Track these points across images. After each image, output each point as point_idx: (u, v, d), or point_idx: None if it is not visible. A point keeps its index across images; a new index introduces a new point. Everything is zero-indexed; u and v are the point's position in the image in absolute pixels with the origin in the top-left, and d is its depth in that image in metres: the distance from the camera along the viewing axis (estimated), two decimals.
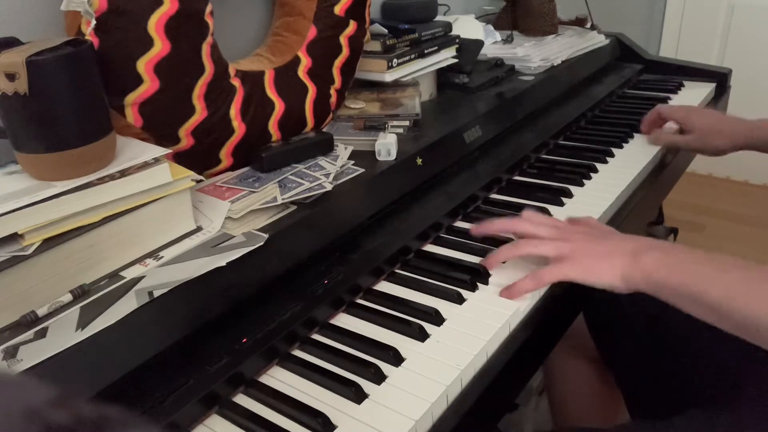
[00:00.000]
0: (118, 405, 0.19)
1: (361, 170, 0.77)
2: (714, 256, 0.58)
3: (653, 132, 1.05)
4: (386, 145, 0.79)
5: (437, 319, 0.61)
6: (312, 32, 0.84)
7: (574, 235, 0.65)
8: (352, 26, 0.86)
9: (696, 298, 0.55)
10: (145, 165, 0.58)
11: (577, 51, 1.29)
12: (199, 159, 0.71)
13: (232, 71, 0.73)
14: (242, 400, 0.53)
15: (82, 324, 0.49)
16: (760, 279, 0.53)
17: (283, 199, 0.68)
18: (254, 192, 0.69)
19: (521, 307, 0.62)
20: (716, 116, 1.01)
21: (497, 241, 0.74)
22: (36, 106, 0.52)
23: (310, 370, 0.55)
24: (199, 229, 0.63)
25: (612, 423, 0.96)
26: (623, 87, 1.34)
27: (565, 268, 0.62)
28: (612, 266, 0.61)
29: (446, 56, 1.06)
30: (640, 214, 0.95)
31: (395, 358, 0.56)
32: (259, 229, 0.63)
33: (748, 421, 0.63)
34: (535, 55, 1.22)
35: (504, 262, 0.68)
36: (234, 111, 0.73)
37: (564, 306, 0.69)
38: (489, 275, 0.67)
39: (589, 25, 1.40)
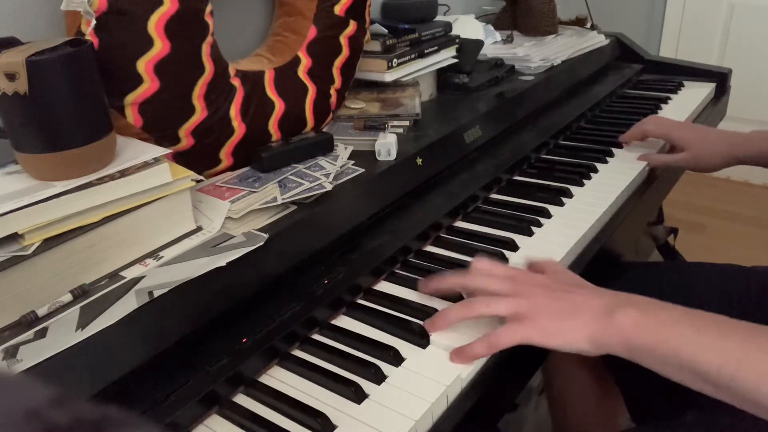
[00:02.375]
0: (118, 405, 0.19)
1: (361, 170, 0.77)
2: (698, 313, 0.51)
3: (643, 155, 0.99)
4: (386, 145, 0.79)
5: None
6: (312, 32, 0.84)
7: (532, 288, 0.57)
8: (352, 26, 0.86)
9: (688, 367, 0.49)
10: (145, 165, 0.58)
11: (577, 51, 1.29)
12: (199, 159, 0.71)
13: (232, 71, 0.73)
14: (242, 400, 0.53)
15: (82, 324, 0.49)
16: (760, 346, 0.47)
17: (283, 199, 0.68)
18: (254, 192, 0.69)
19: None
20: (707, 131, 0.95)
21: (497, 241, 0.74)
22: (36, 106, 0.52)
23: (310, 370, 0.55)
24: (199, 229, 0.63)
25: (612, 425, 0.96)
26: (623, 87, 1.34)
27: (523, 330, 0.54)
28: (577, 327, 0.53)
29: (446, 56, 1.06)
30: (640, 214, 0.95)
31: (395, 358, 0.56)
32: (259, 229, 0.63)
33: (748, 424, 0.62)
34: (535, 55, 1.22)
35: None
36: (234, 111, 0.73)
37: None
38: None
39: (589, 25, 1.40)
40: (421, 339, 0.58)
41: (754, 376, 0.46)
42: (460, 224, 0.80)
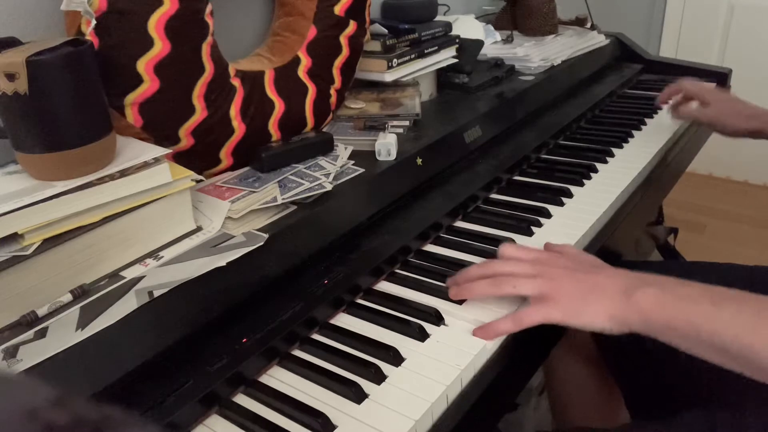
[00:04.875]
0: (118, 405, 0.19)
1: (361, 170, 0.77)
2: (715, 289, 0.53)
3: (673, 107, 1.06)
4: (386, 145, 0.79)
5: (437, 319, 0.61)
6: (312, 32, 0.84)
7: (556, 270, 0.59)
8: (352, 26, 0.86)
9: (706, 340, 0.51)
10: (145, 165, 0.58)
11: (577, 51, 1.29)
12: (199, 159, 0.71)
13: (232, 71, 0.73)
14: (242, 400, 0.53)
15: (82, 324, 0.49)
16: None
17: (283, 199, 0.68)
18: (254, 192, 0.69)
19: (522, 306, 0.62)
20: (736, 98, 1.00)
21: (497, 241, 0.74)
22: (36, 106, 0.52)
23: (310, 370, 0.55)
24: (199, 229, 0.63)
25: (612, 423, 0.96)
26: (623, 87, 1.34)
27: (547, 310, 0.57)
28: (600, 307, 0.55)
29: (446, 56, 1.06)
30: (640, 213, 0.95)
31: (395, 358, 0.56)
32: (259, 229, 0.63)
33: (749, 422, 0.63)
34: (535, 55, 1.22)
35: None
36: (234, 111, 0.73)
37: None
38: None
39: (589, 25, 1.40)
40: (421, 338, 0.58)
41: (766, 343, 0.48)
42: (460, 224, 0.80)
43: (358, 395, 0.51)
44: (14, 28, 0.66)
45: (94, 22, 0.59)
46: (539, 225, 0.78)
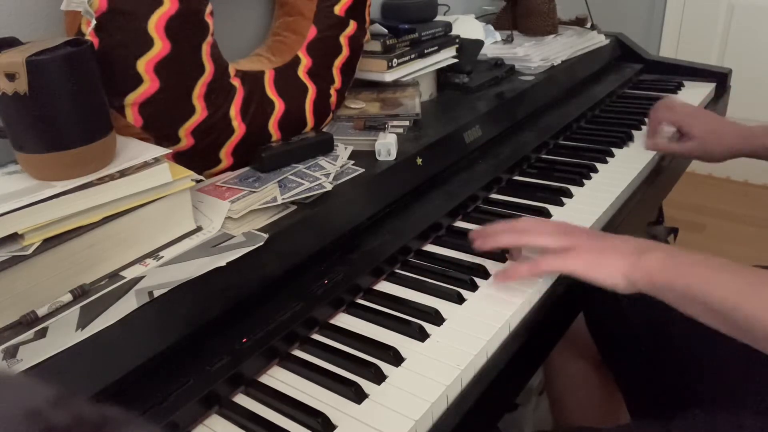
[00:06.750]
0: (118, 405, 0.19)
1: (361, 170, 0.77)
2: (716, 259, 0.57)
3: (650, 139, 1.03)
4: (386, 145, 0.79)
5: (437, 319, 0.61)
6: (312, 32, 0.84)
7: (576, 231, 0.66)
8: (352, 26, 0.86)
9: (699, 300, 0.55)
10: (145, 165, 0.58)
11: (577, 51, 1.29)
12: (199, 159, 0.71)
13: (232, 71, 0.73)
14: (242, 400, 0.53)
15: (82, 324, 0.49)
16: (761, 281, 0.52)
17: (283, 199, 0.68)
18: (254, 192, 0.69)
19: (522, 306, 0.62)
20: (717, 121, 0.97)
21: None
22: (36, 106, 0.52)
23: (310, 370, 0.55)
24: (199, 229, 0.63)
25: (612, 423, 0.96)
26: (623, 87, 1.34)
27: (567, 261, 0.62)
28: (614, 264, 0.60)
29: (446, 56, 1.06)
30: (640, 214, 0.95)
31: (395, 358, 0.56)
32: (259, 229, 0.63)
33: (748, 422, 0.63)
34: (535, 55, 1.22)
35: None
36: (234, 111, 0.73)
37: (564, 306, 0.69)
38: (489, 275, 0.67)
39: (589, 25, 1.40)
40: (421, 338, 0.58)
41: (759, 309, 0.51)
42: (460, 224, 0.80)
43: (358, 395, 0.51)
44: (14, 28, 0.66)
45: (94, 22, 0.59)
46: None
